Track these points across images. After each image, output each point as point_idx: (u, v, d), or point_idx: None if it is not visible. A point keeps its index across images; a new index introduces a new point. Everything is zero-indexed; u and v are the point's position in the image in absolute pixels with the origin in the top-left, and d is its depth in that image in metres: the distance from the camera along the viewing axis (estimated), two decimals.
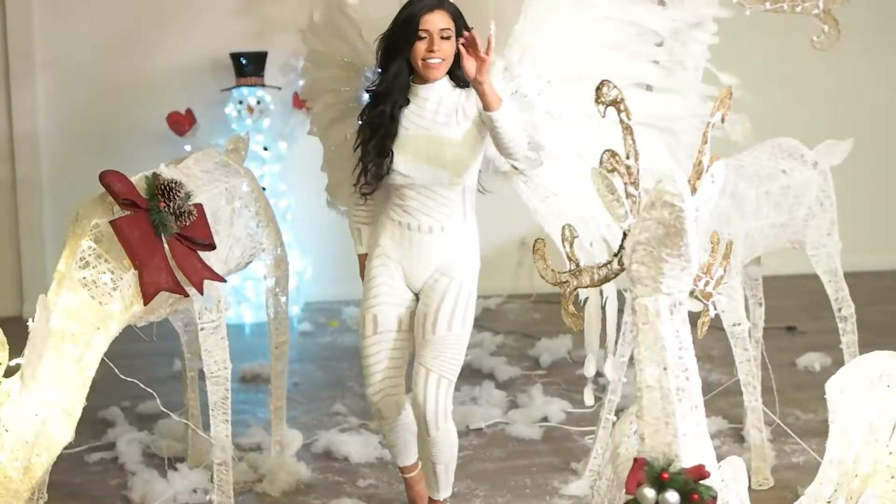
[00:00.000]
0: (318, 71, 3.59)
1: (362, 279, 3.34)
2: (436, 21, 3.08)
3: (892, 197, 7.32)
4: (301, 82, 3.90)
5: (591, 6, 3.29)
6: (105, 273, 2.88)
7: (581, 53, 3.29)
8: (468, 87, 3.13)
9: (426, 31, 3.08)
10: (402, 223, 3.20)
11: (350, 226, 3.47)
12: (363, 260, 3.38)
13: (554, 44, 3.26)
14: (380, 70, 3.18)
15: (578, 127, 3.29)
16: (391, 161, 3.14)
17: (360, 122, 3.24)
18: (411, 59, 3.12)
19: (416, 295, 3.26)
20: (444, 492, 3.37)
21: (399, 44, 3.12)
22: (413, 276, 3.22)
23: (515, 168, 3.30)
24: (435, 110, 3.14)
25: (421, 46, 3.09)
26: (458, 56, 3.10)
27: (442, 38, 3.08)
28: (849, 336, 4.18)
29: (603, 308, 3.37)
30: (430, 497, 3.41)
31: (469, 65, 3.00)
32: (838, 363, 3.69)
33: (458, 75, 3.15)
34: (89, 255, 2.87)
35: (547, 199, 3.33)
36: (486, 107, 3.01)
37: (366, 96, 3.31)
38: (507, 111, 3.04)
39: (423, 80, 3.15)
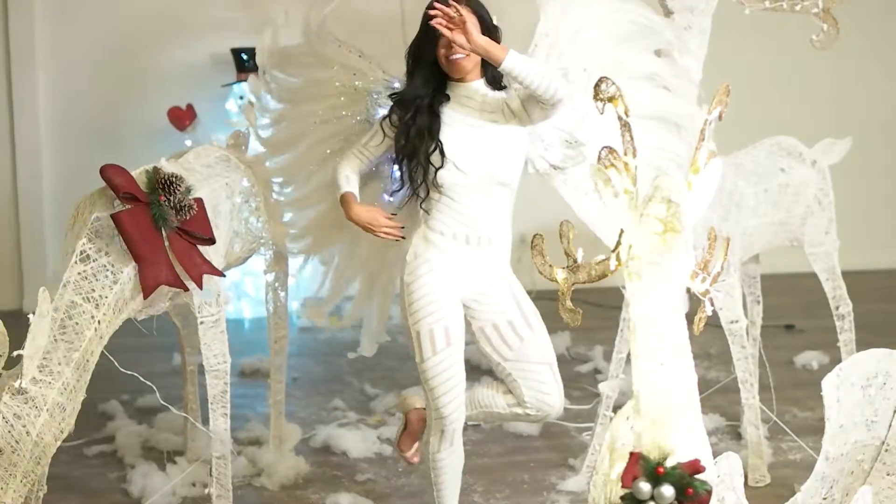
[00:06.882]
0: (301, 107, 3.41)
1: (349, 216, 3.07)
2: None
3: (890, 196, 7.33)
4: (264, 132, 3.57)
5: (602, 2, 3.29)
6: (105, 266, 2.88)
7: (600, 46, 3.27)
8: (505, 88, 3.10)
9: None
10: (457, 235, 3.08)
11: (337, 174, 3.14)
12: (349, 198, 3.08)
13: (574, 39, 3.23)
14: (409, 78, 3.09)
15: (608, 120, 3.24)
16: (443, 155, 3.01)
17: (382, 125, 3.11)
18: (440, 63, 3.04)
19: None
20: None
21: (422, 50, 3.05)
22: (463, 286, 3.12)
23: (555, 167, 3.27)
24: (480, 108, 3.06)
25: (442, 48, 3.01)
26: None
27: None
28: (846, 334, 4.18)
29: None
30: None
31: (458, 38, 2.88)
32: (836, 361, 3.68)
33: (491, 78, 3.08)
34: (89, 248, 2.87)
35: (588, 195, 3.28)
36: (495, 62, 2.89)
37: (381, 112, 3.23)
38: (516, 55, 2.90)
39: (461, 80, 3.06)
